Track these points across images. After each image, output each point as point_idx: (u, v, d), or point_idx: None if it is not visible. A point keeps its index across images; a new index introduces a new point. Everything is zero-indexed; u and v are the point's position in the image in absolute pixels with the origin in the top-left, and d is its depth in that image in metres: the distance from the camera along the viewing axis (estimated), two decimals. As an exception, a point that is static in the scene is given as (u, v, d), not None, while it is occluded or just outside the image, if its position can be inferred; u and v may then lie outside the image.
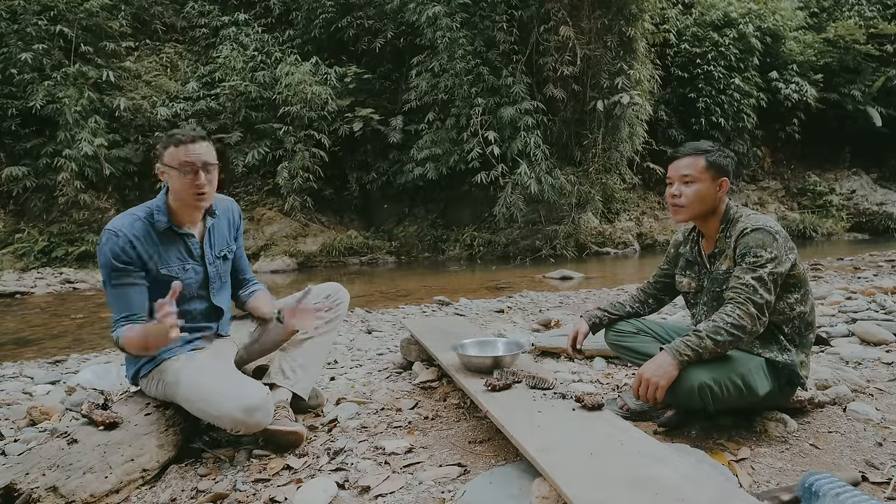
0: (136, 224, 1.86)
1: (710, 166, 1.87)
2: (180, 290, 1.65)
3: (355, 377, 2.87)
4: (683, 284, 2.06)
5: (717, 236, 1.91)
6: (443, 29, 10.77)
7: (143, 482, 1.71)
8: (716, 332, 1.67)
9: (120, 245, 1.81)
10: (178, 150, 1.85)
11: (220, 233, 2.07)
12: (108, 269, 1.83)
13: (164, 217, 1.90)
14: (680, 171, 1.90)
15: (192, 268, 1.97)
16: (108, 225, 1.86)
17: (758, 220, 1.80)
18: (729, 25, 14.28)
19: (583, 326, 2.22)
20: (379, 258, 11.87)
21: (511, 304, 5.56)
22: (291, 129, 11.61)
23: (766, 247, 1.73)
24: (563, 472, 1.34)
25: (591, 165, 11.82)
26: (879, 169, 17.32)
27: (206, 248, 2.02)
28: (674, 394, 1.72)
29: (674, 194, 1.91)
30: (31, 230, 10.34)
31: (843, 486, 1.33)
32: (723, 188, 1.88)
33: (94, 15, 11.29)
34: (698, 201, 1.88)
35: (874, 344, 2.98)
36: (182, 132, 1.89)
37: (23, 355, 4.40)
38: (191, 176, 1.85)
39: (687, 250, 2.05)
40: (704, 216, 1.92)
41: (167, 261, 1.91)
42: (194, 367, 1.86)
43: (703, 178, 1.87)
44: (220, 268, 2.08)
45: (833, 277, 6.62)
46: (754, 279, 1.69)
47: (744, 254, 1.75)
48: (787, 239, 1.79)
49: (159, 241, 1.89)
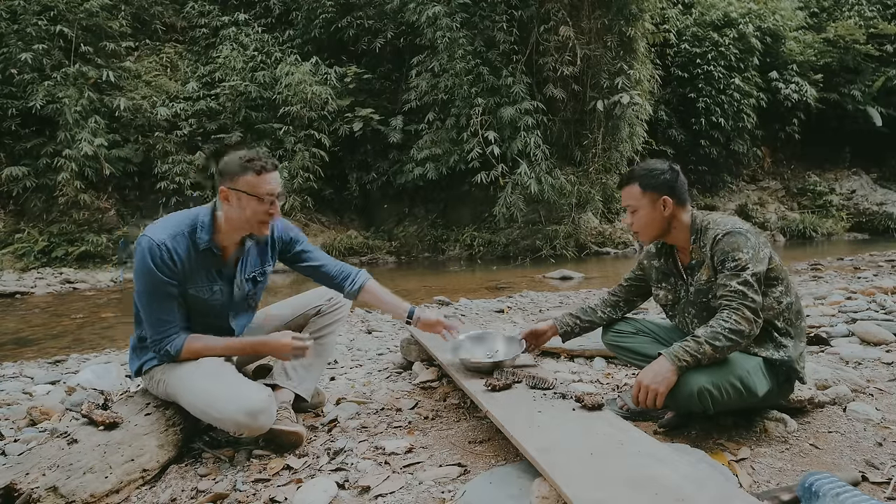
0: (178, 239, 1.81)
1: (645, 190, 1.88)
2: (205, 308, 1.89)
3: (355, 377, 2.87)
4: (660, 297, 2.06)
5: (690, 247, 1.91)
6: (443, 29, 10.77)
7: (143, 482, 1.71)
8: (714, 337, 1.67)
9: (164, 259, 1.77)
10: (261, 178, 1.79)
11: (254, 256, 2.03)
12: (149, 278, 1.78)
13: (206, 236, 1.84)
14: (624, 202, 1.95)
15: (220, 289, 1.93)
16: (151, 234, 1.79)
17: (726, 224, 1.80)
18: (729, 25, 14.29)
19: (546, 329, 2.25)
20: (379, 258, 11.87)
21: (511, 304, 5.56)
22: (291, 129, 11.62)
23: (742, 248, 1.74)
24: (563, 472, 1.34)
25: (591, 165, 11.82)
26: (879, 169, 17.31)
27: (238, 270, 1.97)
28: (673, 399, 1.72)
29: (627, 223, 1.97)
30: (31, 230, 10.34)
31: (843, 486, 1.33)
32: (667, 206, 1.87)
33: (94, 15, 11.30)
34: (647, 226, 1.91)
35: (874, 344, 2.98)
36: (259, 158, 1.82)
37: (23, 355, 4.40)
38: (268, 206, 1.82)
39: (662, 263, 2.04)
40: (665, 234, 1.94)
41: (196, 280, 1.87)
42: (197, 368, 1.86)
43: (642, 203, 1.89)
44: (248, 291, 2.03)
45: (833, 277, 6.61)
46: (741, 284, 1.70)
47: (723, 260, 1.76)
48: (757, 235, 1.80)
49: (195, 258, 1.85)
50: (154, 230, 1.81)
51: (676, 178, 1.89)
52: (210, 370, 1.86)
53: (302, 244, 2.14)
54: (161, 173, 10.97)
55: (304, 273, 2.17)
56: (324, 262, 2.16)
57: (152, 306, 1.82)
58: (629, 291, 2.22)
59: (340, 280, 2.15)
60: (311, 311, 2.22)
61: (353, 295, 2.16)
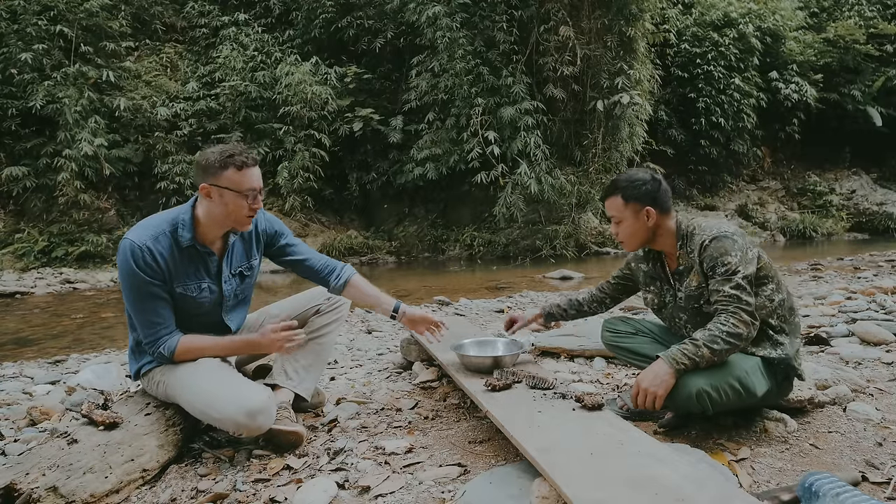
0: (160, 239, 1.80)
1: (628, 201, 1.89)
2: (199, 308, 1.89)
3: (355, 377, 2.87)
4: (648, 300, 2.08)
5: (677, 253, 1.92)
6: (443, 29, 10.77)
7: (143, 482, 1.71)
8: (712, 340, 1.68)
9: (147, 260, 1.76)
10: (242, 174, 1.80)
11: (239, 250, 2.02)
12: (134, 281, 1.77)
13: (188, 233, 1.84)
14: (608, 213, 1.96)
15: (208, 286, 1.93)
16: (132, 237, 1.78)
17: (712, 229, 1.80)
18: (729, 25, 14.28)
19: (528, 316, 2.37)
20: (379, 258, 11.87)
21: (511, 303, 5.56)
22: (291, 129, 11.61)
23: (730, 251, 1.74)
24: (563, 472, 1.34)
25: (591, 165, 11.81)
26: (879, 169, 17.31)
27: (224, 266, 1.97)
28: (672, 401, 1.73)
29: (613, 233, 1.99)
30: (31, 230, 10.33)
31: (843, 486, 1.33)
32: (651, 216, 1.88)
33: (94, 15, 11.28)
34: (632, 236, 1.92)
35: (874, 344, 2.98)
36: (240, 153, 1.81)
37: (23, 355, 4.40)
38: (250, 200, 1.82)
39: (650, 267, 2.05)
40: (650, 242, 1.94)
41: (183, 278, 1.86)
42: (196, 369, 1.86)
43: (625, 214, 1.90)
44: (237, 286, 2.03)
45: (833, 277, 6.61)
46: (734, 288, 1.71)
47: (713, 266, 1.76)
48: (744, 236, 1.80)
49: (179, 257, 1.84)
50: (135, 232, 1.80)
51: (658, 187, 1.89)
52: (209, 371, 1.86)
53: (286, 237, 2.14)
54: (161, 173, 10.97)
55: (288, 267, 2.17)
56: (308, 256, 2.15)
57: (141, 309, 1.81)
58: (616, 289, 2.27)
59: (325, 274, 2.15)
60: (311, 310, 2.21)
61: (338, 290, 2.16)
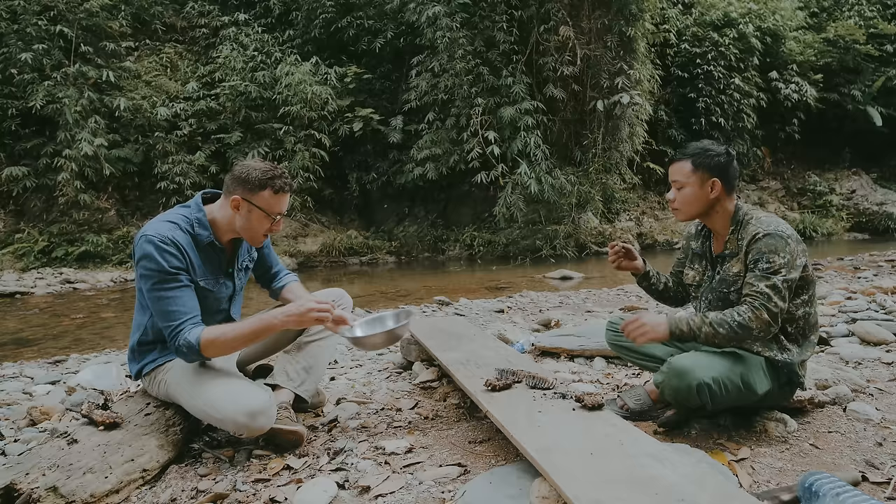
0: (176, 233, 1.81)
1: (697, 169, 1.86)
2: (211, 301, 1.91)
3: (355, 377, 2.87)
4: (689, 277, 2.08)
5: (727, 237, 1.90)
6: (443, 29, 10.76)
7: (143, 482, 1.71)
8: (720, 323, 1.69)
9: (171, 250, 1.78)
10: (278, 198, 1.85)
11: (245, 246, 2.08)
12: (159, 274, 1.76)
13: (206, 231, 1.88)
14: (672, 177, 1.93)
15: (224, 282, 1.99)
16: (150, 233, 1.78)
17: (769, 225, 1.78)
18: (729, 25, 14.27)
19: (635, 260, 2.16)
20: (379, 258, 11.86)
21: (511, 304, 5.56)
22: (291, 129, 11.60)
23: (779, 252, 1.72)
24: (563, 472, 1.34)
25: (591, 165, 11.81)
26: (879, 169, 17.30)
27: (235, 262, 2.04)
28: (673, 392, 1.73)
29: (669, 199, 1.95)
30: (31, 230, 10.33)
31: (843, 485, 1.33)
32: (715, 188, 1.86)
33: (94, 15, 11.28)
34: (689, 204, 1.89)
35: (874, 344, 2.98)
36: (280, 175, 1.85)
37: (23, 355, 4.40)
38: (273, 223, 1.87)
39: (697, 245, 2.05)
40: (704, 215, 1.93)
41: (204, 273, 1.90)
42: (197, 369, 1.86)
43: (691, 181, 1.87)
44: (243, 280, 2.12)
45: (833, 277, 6.61)
46: (769, 287, 1.69)
47: (756, 260, 1.75)
48: (798, 242, 1.77)
49: (198, 252, 1.88)
50: (153, 227, 1.81)
51: (731, 162, 1.87)
52: (210, 371, 1.87)
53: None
54: (161, 173, 10.96)
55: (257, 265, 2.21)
56: (272, 251, 2.25)
57: (165, 299, 1.76)
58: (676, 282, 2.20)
59: (274, 272, 2.25)
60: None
61: (276, 293, 2.25)
